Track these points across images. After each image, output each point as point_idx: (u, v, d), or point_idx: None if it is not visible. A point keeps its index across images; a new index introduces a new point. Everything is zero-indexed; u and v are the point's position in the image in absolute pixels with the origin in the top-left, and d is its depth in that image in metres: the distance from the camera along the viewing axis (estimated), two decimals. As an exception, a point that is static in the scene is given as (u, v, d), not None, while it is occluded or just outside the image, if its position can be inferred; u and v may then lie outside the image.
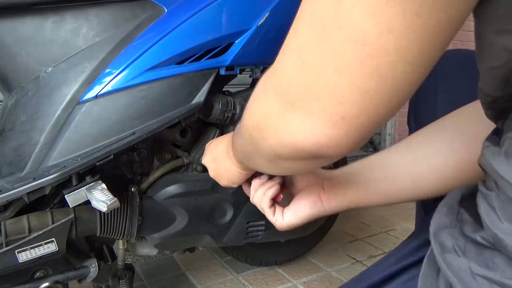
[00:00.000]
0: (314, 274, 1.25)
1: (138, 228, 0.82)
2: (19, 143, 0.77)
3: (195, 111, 0.83)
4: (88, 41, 0.78)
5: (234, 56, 0.86)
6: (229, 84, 1.15)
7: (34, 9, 0.76)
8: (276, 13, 0.88)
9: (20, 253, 0.71)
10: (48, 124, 0.76)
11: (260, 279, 1.22)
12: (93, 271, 0.81)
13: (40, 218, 0.74)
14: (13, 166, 0.76)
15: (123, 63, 0.78)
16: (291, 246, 1.28)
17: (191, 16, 0.81)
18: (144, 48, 0.79)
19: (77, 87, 0.77)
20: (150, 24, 0.80)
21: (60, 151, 0.75)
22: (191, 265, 1.32)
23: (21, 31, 0.76)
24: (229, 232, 0.93)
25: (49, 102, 0.77)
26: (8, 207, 0.73)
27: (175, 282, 1.21)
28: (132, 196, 0.82)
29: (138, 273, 1.26)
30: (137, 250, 0.95)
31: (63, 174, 0.69)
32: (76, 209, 0.76)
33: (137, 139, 0.75)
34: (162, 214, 0.85)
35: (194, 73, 0.83)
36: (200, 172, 0.91)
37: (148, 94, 0.79)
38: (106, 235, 0.80)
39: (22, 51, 0.77)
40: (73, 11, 0.77)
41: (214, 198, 0.90)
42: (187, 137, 0.91)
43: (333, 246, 1.45)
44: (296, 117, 0.31)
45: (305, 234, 1.10)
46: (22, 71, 0.78)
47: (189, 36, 0.81)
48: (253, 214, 0.94)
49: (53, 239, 0.73)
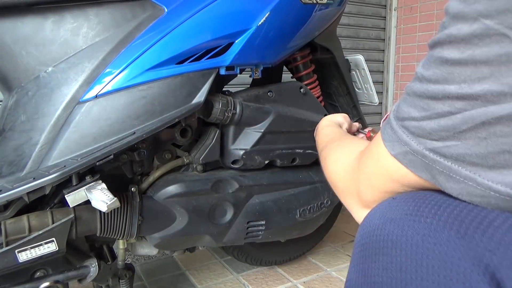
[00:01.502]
0: (314, 274, 1.25)
1: (138, 228, 0.82)
2: (19, 143, 0.77)
3: (195, 111, 0.83)
4: (88, 40, 0.78)
5: (234, 56, 0.86)
6: (229, 84, 1.15)
7: (34, 9, 0.76)
8: (276, 13, 0.88)
9: (20, 252, 0.71)
10: (48, 124, 0.76)
11: (260, 279, 1.22)
12: (93, 271, 0.81)
13: (40, 218, 0.74)
14: (13, 166, 0.76)
15: (123, 63, 0.78)
16: (291, 246, 1.28)
17: (191, 16, 0.81)
18: (144, 48, 0.78)
19: (77, 87, 0.77)
20: (150, 24, 0.80)
21: (60, 151, 0.75)
22: (191, 265, 1.32)
23: (21, 31, 0.76)
24: (229, 232, 0.93)
25: (49, 102, 0.77)
26: (8, 207, 0.73)
27: (175, 282, 1.21)
28: (132, 196, 0.82)
29: (138, 273, 1.26)
30: (137, 250, 0.95)
31: (63, 174, 0.69)
32: (76, 209, 0.76)
33: (137, 139, 0.75)
34: (162, 214, 0.85)
35: (194, 73, 0.83)
36: (200, 172, 0.92)
37: (148, 94, 0.79)
38: (106, 235, 0.80)
39: (22, 51, 0.77)
40: (73, 10, 0.77)
41: (214, 198, 0.90)
42: (187, 137, 0.91)
43: (333, 246, 1.45)
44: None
45: (305, 234, 1.10)
46: (22, 70, 0.78)
47: (189, 36, 0.81)
48: (253, 214, 0.94)
49: (53, 238, 0.73)
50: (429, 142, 0.31)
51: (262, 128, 0.93)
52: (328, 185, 1.01)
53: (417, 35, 2.28)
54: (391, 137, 0.36)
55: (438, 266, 0.28)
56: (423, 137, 0.32)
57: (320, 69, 1.18)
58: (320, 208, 1.04)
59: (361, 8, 2.26)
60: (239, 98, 0.91)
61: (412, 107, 0.33)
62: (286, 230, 1.02)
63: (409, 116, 0.33)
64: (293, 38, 0.95)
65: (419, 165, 0.33)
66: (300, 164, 1.03)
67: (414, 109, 0.33)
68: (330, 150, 0.59)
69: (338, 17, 1.10)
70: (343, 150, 0.54)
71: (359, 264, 0.35)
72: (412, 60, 2.30)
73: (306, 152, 1.02)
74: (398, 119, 0.35)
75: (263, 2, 0.87)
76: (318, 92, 1.15)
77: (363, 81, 1.17)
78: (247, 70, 0.95)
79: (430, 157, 0.31)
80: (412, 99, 0.33)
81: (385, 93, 2.44)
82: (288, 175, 1.01)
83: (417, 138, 0.32)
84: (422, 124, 0.32)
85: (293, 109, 0.99)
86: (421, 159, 0.32)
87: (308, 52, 1.12)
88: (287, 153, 0.99)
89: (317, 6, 0.96)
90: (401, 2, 2.33)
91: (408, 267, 0.30)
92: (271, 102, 0.95)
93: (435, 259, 0.28)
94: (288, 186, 1.00)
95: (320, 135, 0.79)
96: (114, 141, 0.75)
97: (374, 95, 1.16)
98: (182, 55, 0.81)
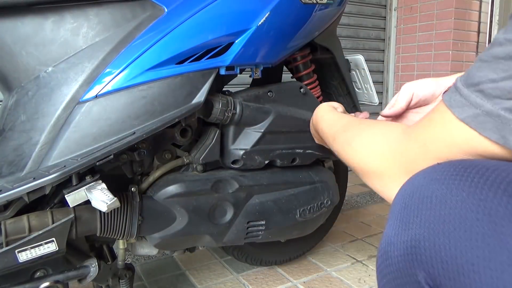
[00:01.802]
0: (314, 274, 1.25)
1: (138, 228, 0.82)
2: (19, 143, 0.77)
3: (195, 111, 0.83)
4: (88, 40, 0.78)
5: (234, 56, 0.86)
6: (229, 84, 1.15)
7: (34, 9, 0.76)
8: (276, 13, 0.88)
9: (20, 252, 0.71)
10: (48, 124, 0.76)
11: (260, 279, 1.22)
12: (93, 271, 0.81)
13: (40, 217, 0.74)
14: (13, 166, 0.76)
15: (123, 63, 0.78)
16: (291, 246, 1.28)
17: (191, 16, 0.81)
18: (144, 48, 0.78)
19: (77, 87, 0.77)
20: (150, 24, 0.80)
21: (60, 151, 0.75)
22: (191, 265, 1.32)
23: (21, 31, 0.76)
24: (229, 232, 0.93)
25: (49, 101, 0.77)
26: (8, 207, 0.73)
27: (175, 282, 1.21)
28: (132, 196, 0.82)
29: (138, 273, 1.26)
30: (137, 250, 0.95)
31: (63, 174, 0.69)
32: (76, 209, 0.76)
33: (137, 139, 0.75)
34: (162, 214, 0.85)
35: (194, 73, 0.83)
36: (200, 172, 0.91)
37: (148, 94, 0.79)
38: (106, 235, 0.80)
39: (22, 51, 0.77)
40: (73, 10, 0.77)
41: (214, 198, 0.90)
42: (187, 137, 0.91)
43: (333, 246, 1.45)
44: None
45: (305, 234, 1.10)
46: (22, 70, 0.78)
47: (189, 36, 0.81)
48: (253, 214, 0.94)
49: (53, 238, 0.73)
50: (506, 101, 0.33)
51: (262, 128, 0.93)
52: (328, 185, 1.02)
53: (417, 35, 2.28)
54: (460, 102, 0.37)
55: (483, 220, 0.28)
56: (500, 97, 0.34)
57: (320, 69, 1.18)
58: (320, 208, 1.04)
59: (361, 8, 2.26)
60: (239, 98, 0.91)
61: (491, 71, 0.35)
62: (286, 230, 1.02)
63: (487, 79, 0.35)
64: (293, 38, 0.95)
65: (491, 126, 0.34)
66: (300, 164, 1.03)
67: (492, 72, 0.34)
68: (353, 133, 0.58)
69: (338, 17, 1.10)
70: (375, 130, 0.53)
71: (399, 219, 0.35)
72: (412, 60, 2.30)
73: (306, 152, 1.02)
74: (470, 85, 0.37)
75: (263, 2, 0.87)
76: (318, 92, 1.15)
77: (363, 81, 1.17)
78: (247, 70, 0.95)
79: (505, 116, 0.33)
80: (489, 64, 0.35)
81: (385, 93, 2.45)
82: (288, 175, 1.01)
83: (492, 99, 0.34)
84: (501, 85, 0.33)
85: (293, 109, 0.99)
86: (493, 120, 0.34)
87: (308, 52, 1.12)
88: (287, 153, 0.99)
89: (317, 6, 0.96)
90: (401, 2, 2.33)
91: (452, 219, 0.30)
92: (271, 102, 0.95)
93: (480, 213, 0.28)
94: (288, 186, 1.00)
95: (325, 122, 0.76)
96: (114, 141, 0.76)
97: (374, 95, 1.16)
98: (182, 55, 0.81)
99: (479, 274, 0.26)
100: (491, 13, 2.26)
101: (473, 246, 0.28)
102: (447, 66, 2.13)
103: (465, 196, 0.30)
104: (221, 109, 0.88)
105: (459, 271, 0.28)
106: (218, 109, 0.87)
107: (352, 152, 0.56)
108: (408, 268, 0.32)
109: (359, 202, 1.99)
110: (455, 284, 0.28)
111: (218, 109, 0.87)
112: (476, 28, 2.20)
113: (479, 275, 0.26)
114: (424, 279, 0.31)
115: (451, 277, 0.28)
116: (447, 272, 0.29)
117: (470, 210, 0.29)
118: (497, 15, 2.27)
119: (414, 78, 2.32)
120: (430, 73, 2.21)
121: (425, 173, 0.36)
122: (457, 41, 2.12)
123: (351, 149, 0.56)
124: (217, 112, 0.88)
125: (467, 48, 2.18)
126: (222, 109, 0.88)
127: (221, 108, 0.88)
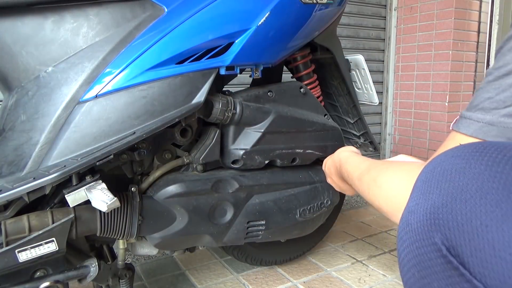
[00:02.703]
0: (314, 274, 1.25)
1: (138, 227, 0.82)
2: (19, 143, 0.77)
3: (195, 111, 0.83)
4: (88, 40, 0.78)
5: (234, 56, 0.86)
6: (229, 84, 1.15)
7: (34, 9, 0.76)
8: (276, 13, 0.88)
9: (20, 252, 0.71)
10: (48, 123, 0.76)
11: (260, 279, 1.22)
12: (93, 271, 0.81)
13: (40, 217, 0.74)
14: (13, 165, 0.76)
15: (123, 63, 0.78)
16: (291, 246, 1.28)
17: (191, 16, 0.81)
18: (144, 48, 0.79)
19: (77, 87, 0.77)
20: (150, 24, 0.80)
21: (60, 151, 0.75)
22: (191, 265, 1.32)
23: (21, 31, 0.76)
24: (229, 232, 0.93)
25: (49, 101, 0.77)
26: (8, 206, 0.73)
27: (175, 282, 1.21)
28: (132, 196, 0.82)
29: (138, 272, 1.26)
30: (137, 250, 0.95)
31: (63, 174, 0.69)
32: (76, 208, 0.76)
33: (137, 139, 0.75)
34: (162, 214, 0.85)
35: (194, 73, 0.83)
36: (200, 172, 0.92)
37: (148, 94, 0.79)
38: (106, 234, 0.80)
39: (22, 51, 0.77)
40: (73, 10, 0.77)
41: (214, 198, 0.90)
42: (187, 137, 0.91)
43: (333, 246, 1.45)
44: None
45: (305, 234, 1.10)
46: (22, 70, 0.78)
47: (189, 36, 0.81)
48: (253, 214, 0.94)
49: (53, 238, 0.73)
50: (502, 109, 0.40)
51: (262, 128, 0.93)
52: (328, 185, 1.02)
53: (417, 35, 2.28)
54: (465, 123, 0.44)
55: (499, 188, 0.30)
56: (497, 108, 0.41)
57: (320, 69, 1.18)
58: (320, 208, 1.04)
59: (361, 8, 2.26)
60: (239, 98, 0.91)
61: (486, 92, 0.42)
62: (286, 230, 1.02)
63: (484, 99, 0.42)
64: (293, 38, 0.95)
65: (495, 132, 0.41)
66: (300, 164, 1.03)
67: (487, 93, 0.42)
68: (378, 172, 0.61)
69: (338, 17, 1.10)
70: (398, 168, 0.57)
71: (421, 191, 0.37)
72: (412, 60, 2.30)
73: (306, 152, 1.02)
74: (471, 108, 0.44)
75: (263, 2, 0.87)
76: (318, 92, 1.15)
77: (363, 81, 1.17)
78: (247, 70, 0.95)
79: (504, 121, 0.40)
80: (484, 88, 0.43)
81: (385, 93, 2.44)
82: (288, 175, 1.01)
83: (491, 111, 0.41)
84: (496, 98, 0.41)
85: (293, 109, 0.99)
86: (496, 127, 0.41)
87: (308, 52, 1.12)
88: (287, 153, 0.99)
89: (317, 6, 0.96)
90: (401, 2, 2.33)
91: (469, 188, 0.32)
92: (271, 102, 0.95)
93: (496, 183, 0.30)
94: (288, 186, 1.00)
95: (349, 164, 0.79)
96: (114, 141, 0.76)
97: (374, 95, 1.16)
98: (182, 55, 0.81)
99: (492, 234, 0.29)
100: (491, 13, 2.26)
101: (487, 211, 0.30)
102: (447, 66, 2.13)
103: (483, 168, 0.32)
104: (221, 109, 0.88)
105: (473, 232, 0.30)
106: (218, 109, 0.87)
107: (377, 190, 0.59)
108: (427, 231, 0.34)
109: (359, 202, 1.99)
110: (470, 243, 0.30)
111: (218, 109, 0.87)
112: (476, 28, 2.20)
113: (492, 234, 0.28)
114: (440, 241, 0.32)
115: (466, 237, 0.30)
116: (463, 233, 0.31)
117: (487, 180, 0.31)
118: (497, 15, 2.27)
119: (414, 78, 2.32)
120: (430, 73, 2.21)
121: (446, 152, 0.39)
122: (457, 41, 2.12)
123: (376, 186, 0.59)
124: (217, 112, 0.88)
125: (467, 48, 2.17)
126: (222, 109, 0.88)
127: (221, 108, 0.88)
